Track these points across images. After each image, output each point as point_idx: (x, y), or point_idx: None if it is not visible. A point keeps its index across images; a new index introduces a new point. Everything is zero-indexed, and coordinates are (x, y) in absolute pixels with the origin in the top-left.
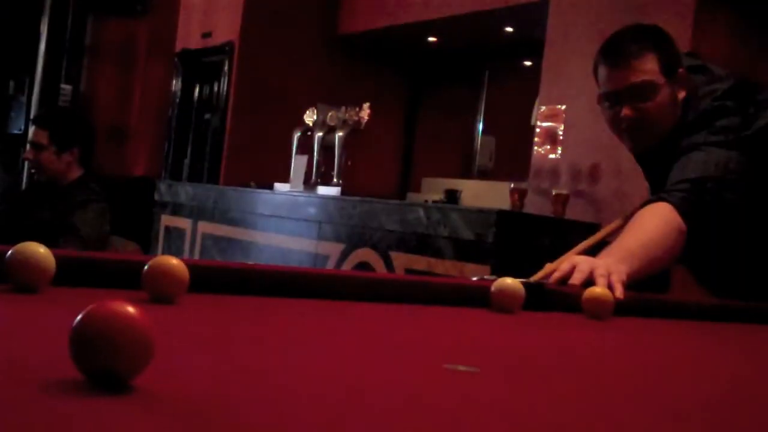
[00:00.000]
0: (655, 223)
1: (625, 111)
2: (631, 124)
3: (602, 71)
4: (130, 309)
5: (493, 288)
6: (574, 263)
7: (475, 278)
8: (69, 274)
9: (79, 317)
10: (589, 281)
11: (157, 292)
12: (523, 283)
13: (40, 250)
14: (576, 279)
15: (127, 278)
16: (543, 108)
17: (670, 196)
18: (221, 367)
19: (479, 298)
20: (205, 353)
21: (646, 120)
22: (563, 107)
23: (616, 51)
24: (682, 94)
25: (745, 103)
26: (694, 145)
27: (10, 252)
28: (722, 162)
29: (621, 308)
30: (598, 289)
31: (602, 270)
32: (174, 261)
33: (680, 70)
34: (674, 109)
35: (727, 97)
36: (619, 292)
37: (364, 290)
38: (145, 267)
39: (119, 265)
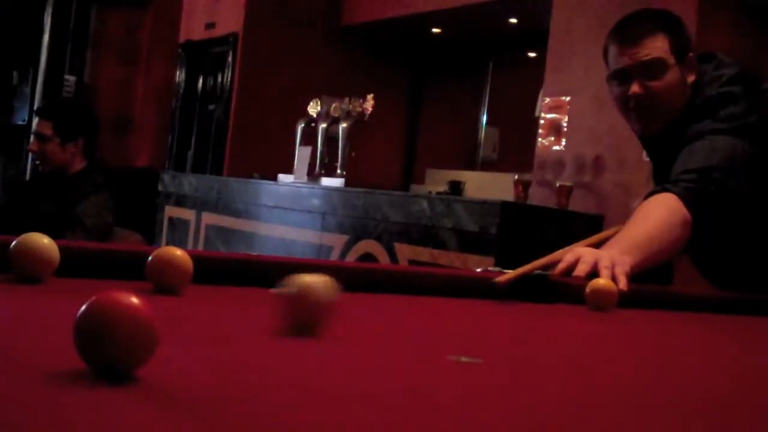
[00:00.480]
0: (659, 214)
1: (634, 88)
2: (640, 102)
3: (612, 50)
4: (134, 300)
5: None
6: (578, 255)
7: (479, 269)
8: (73, 265)
9: (83, 308)
10: (594, 273)
11: (161, 282)
12: (528, 274)
13: (43, 240)
14: (580, 270)
15: (131, 269)
16: (547, 99)
17: (674, 187)
18: (224, 358)
19: (483, 289)
20: (208, 344)
21: (655, 99)
22: (567, 99)
23: (627, 30)
24: (691, 78)
25: (750, 90)
26: (700, 133)
27: (14, 242)
28: (727, 151)
29: (625, 300)
30: (602, 281)
31: (606, 261)
32: (178, 252)
33: (690, 54)
34: (683, 92)
35: (733, 83)
36: (622, 283)
37: (368, 281)
38: (149, 258)
39: (123, 256)
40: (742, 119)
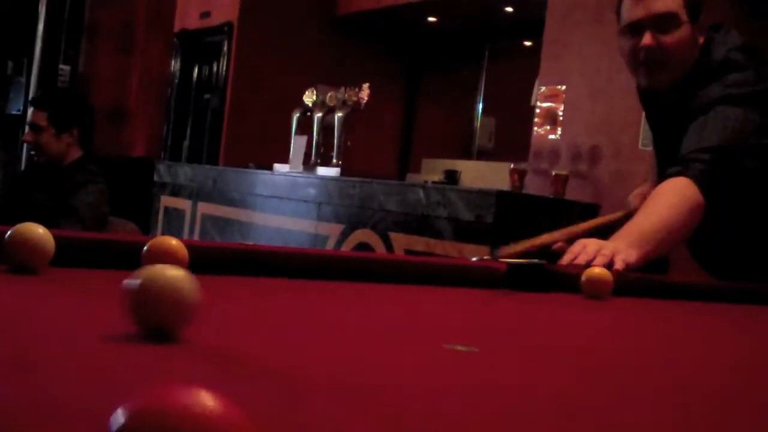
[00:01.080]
0: (673, 202)
1: (646, 39)
2: (650, 55)
3: (627, 3)
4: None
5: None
6: (583, 245)
7: (474, 258)
8: (68, 255)
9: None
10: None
11: None
12: (524, 263)
13: (38, 230)
14: (581, 260)
15: (127, 259)
16: (543, 88)
17: (689, 169)
18: (221, 347)
19: (478, 278)
20: (205, 333)
21: (665, 53)
22: (563, 88)
23: None
24: (701, 40)
25: (756, 60)
26: (710, 102)
27: (8, 233)
28: (739, 125)
29: (620, 289)
30: (597, 269)
31: (607, 251)
32: (173, 241)
33: (702, 17)
34: (692, 51)
35: (741, 51)
36: (618, 265)
37: (364, 270)
38: (145, 248)
39: (118, 246)
40: (751, 86)
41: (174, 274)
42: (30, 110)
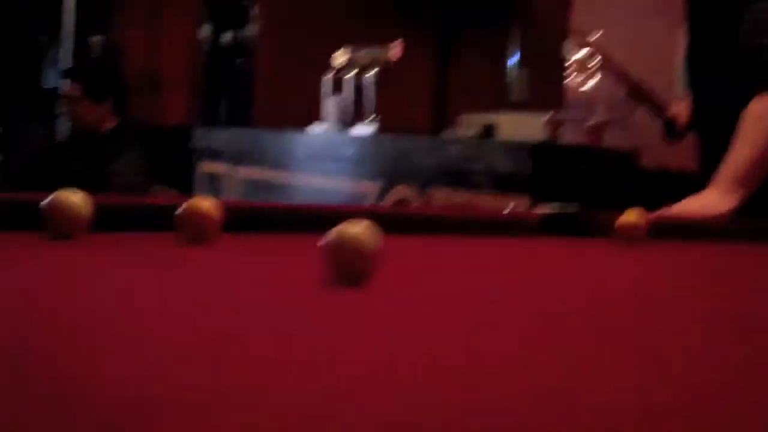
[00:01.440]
0: (763, 133)
1: None
2: None
3: None
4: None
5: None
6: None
7: (507, 210)
8: (105, 220)
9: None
10: None
11: (191, 233)
12: (553, 213)
13: (76, 197)
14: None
15: (162, 221)
16: (577, 36)
17: None
18: (244, 304)
19: (513, 227)
20: (234, 292)
21: None
22: (598, 34)
23: None
24: None
25: None
26: None
27: (47, 200)
28: None
29: (657, 232)
30: (633, 215)
31: (697, 206)
32: (207, 202)
33: None
34: None
35: None
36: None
37: (395, 223)
38: (179, 209)
39: (153, 210)
40: None
41: (359, 229)
42: (65, 82)
